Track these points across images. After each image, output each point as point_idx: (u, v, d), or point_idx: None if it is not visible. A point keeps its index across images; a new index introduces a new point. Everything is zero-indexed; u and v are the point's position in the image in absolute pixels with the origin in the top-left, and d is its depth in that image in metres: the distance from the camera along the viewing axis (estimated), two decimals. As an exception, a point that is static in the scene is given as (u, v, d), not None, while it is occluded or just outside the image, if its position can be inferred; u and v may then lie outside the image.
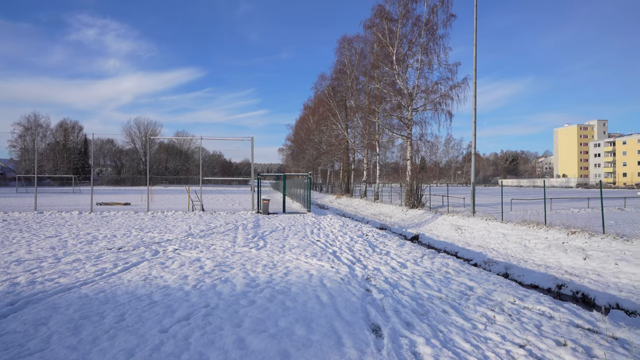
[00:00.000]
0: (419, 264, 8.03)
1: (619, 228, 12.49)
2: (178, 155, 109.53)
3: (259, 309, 4.86)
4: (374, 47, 26.90)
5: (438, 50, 22.74)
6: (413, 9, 23.42)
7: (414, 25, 23.32)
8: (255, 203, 20.46)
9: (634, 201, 29.49)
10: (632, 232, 11.02)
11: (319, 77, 48.41)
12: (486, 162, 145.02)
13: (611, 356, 3.67)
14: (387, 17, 24.30)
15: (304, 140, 55.76)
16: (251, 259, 8.12)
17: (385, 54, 24.80)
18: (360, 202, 29.31)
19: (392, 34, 24.10)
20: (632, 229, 12.30)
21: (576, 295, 7.56)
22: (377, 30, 25.29)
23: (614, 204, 25.63)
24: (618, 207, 23.58)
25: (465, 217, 15.58)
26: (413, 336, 4.14)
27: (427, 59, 22.98)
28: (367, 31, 27.44)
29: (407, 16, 23.61)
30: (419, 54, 22.98)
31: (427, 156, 56.35)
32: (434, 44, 22.77)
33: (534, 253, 10.44)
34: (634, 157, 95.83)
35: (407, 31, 23.75)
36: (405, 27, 23.79)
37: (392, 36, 24.05)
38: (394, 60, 23.68)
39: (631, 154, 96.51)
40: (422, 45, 22.83)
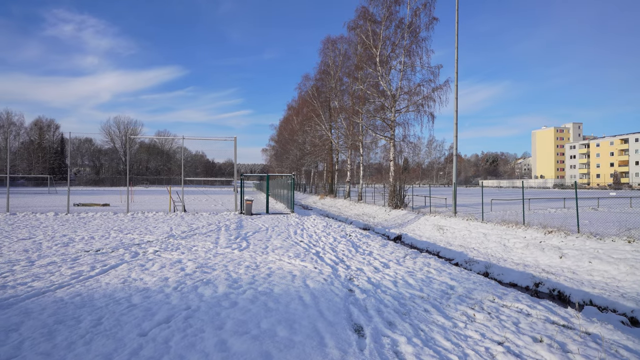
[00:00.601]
0: (402, 264, 8.10)
1: (592, 227, 12.91)
2: (159, 155, 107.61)
3: (241, 311, 4.80)
4: (357, 48, 27.07)
5: (421, 53, 23.08)
6: (396, 11, 23.70)
7: (397, 27, 23.58)
8: (238, 204, 20.28)
9: (607, 201, 30.61)
10: (604, 231, 11.41)
11: (303, 78, 48.53)
12: (467, 164, 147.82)
13: (584, 351, 3.79)
14: (370, 19, 24.49)
15: (288, 141, 55.61)
16: (234, 260, 8.03)
17: (369, 56, 24.98)
18: (343, 202, 29.42)
19: (375, 36, 24.30)
20: (604, 228, 12.74)
21: (553, 293, 7.77)
22: (360, 32, 25.45)
23: (588, 204, 26.52)
24: (592, 207, 24.41)
25: (447, 217, 15.82)
26: (395, 335, 4.16)
27: (410, 61, 23.27)
28: (350, 32, 27.60)
29: (390, 18, 23.86)
30: (402, 56, 23.25)
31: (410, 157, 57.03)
32: (416, 46, 23.09)
33: (513, 252, 10.68)
34: (606, 159, 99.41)
35: (391, 33, 24.01)
36: (389, 29, 24.05)
37: (376, 38, 24.24)
38: (378, 61, 23.88)
39: (604, 156, 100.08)
40: (405, 48, 23.10)
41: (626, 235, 9.83)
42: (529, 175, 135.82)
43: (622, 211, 21.12)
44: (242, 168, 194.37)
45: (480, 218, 14.56)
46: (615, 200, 31.85)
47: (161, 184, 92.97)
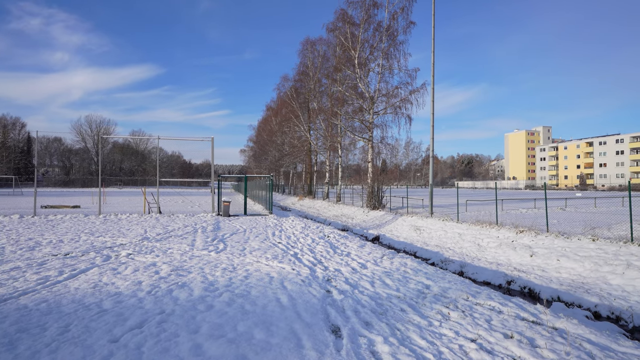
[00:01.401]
0: (379, 264, 8.19)
1: (560, 227, 13.43)
2: (134, 156, 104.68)
3: (217, 314, 4.73)
4: (336, 50, 27.23)
5: (398, 56, 23.44)
6: (375, 14, 24.00)
7: (375, 30, 23.88)
8: (216, 205, 19.97)
9: (573, 202, 31.97)
10: (571, 230, 11.89)
11: (281, 79, 48.34)
12: (444, 165, 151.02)
13: (551, 345, 3.93)
14: (349, 22, 24.69)
15: (267, 142, 55.24)
16: (210, 262, 7.90)
17: (348, 58, 25.16)
18: (322, 203, 29.47)
19: (354, 38, 24.50)
20: (571, 227, 13.28)
21: (524, 290, 8.03)
22: (339, 34, 25.61)
23: (556, 205, 27.61)
24: (560, 207, 25.43)
25: (423, 217, 16.10)
26: (372, 335, 4.20)
27: (388, 64, 23.59)
28: (330, 34, 27.72)
29: (369, 21, 24.12)
30: (380, 59, 23.53)
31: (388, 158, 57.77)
32: (394, 49, 23.43)
33: (486, 251, 10.98)
34: (573, 161, 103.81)
35: (369, 36, 24.28)
36: (367, 31, 24.32)
37: (355, 40, 24.45)
38: (356, 64, 24.08)
39: (571, 158, 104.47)
40: (383, 50, 23.39)
41: (591, 234, 10.28)
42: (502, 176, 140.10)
43: (588, 211, 22.10)
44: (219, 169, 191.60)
45: (456, 218, 14.90)
46: (581, 201, 33.30)
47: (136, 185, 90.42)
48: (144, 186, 25.27)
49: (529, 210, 21.95)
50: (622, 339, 4.30)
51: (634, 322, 6.08)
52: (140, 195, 35.82)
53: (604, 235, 10.52)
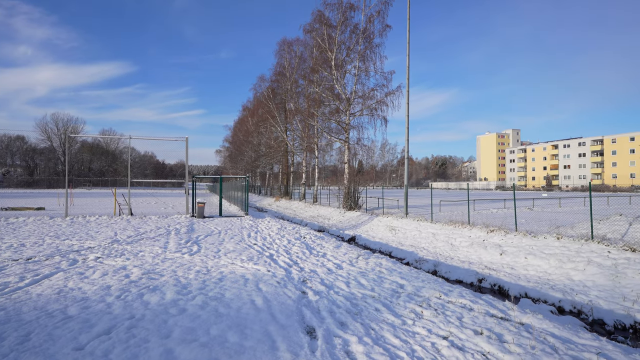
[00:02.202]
0: (354, 265, 8.25)
1: (528, 226, 13.97)
2: (104, 156, 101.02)
3: (189, 318, 4.63)
4: (313, 51, 27.27)
5: (374, 58, 23.71)
6: (351, 16, 24.18)
7: (352, 32, 24.06)
8: (190, 206, 19.57)
9: (540, 202, 33.33)
10: (538, 229, 12.39)
11: (258, 79, 47.97)
12: (418, 166, 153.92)
13: (518, 340, 4.08)
14: (326, 23, 24.78)
15: (243, 142, 54.63)
16: (183, 265, 7.73)
17: (325, 59, 25.25)
18: (299, 204, 29.42)
19: (331, 40, 24.62)
20: (538, 226, 13.83)
21: (494, 288, 8.30)
22: (316, 35, 25.66)
23: (525, 205, 28.71)
24: (528, 207, 26.45)
25: (399, 218, 16.35)
26: (347, 335, 4.22)
27: (364, 66, 23.83)
28: (307, 35, 27.72)
29: (345, 23, 24.29)
30: (357, 61, 23.75)
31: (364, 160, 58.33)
32: (370, 51, 23.69)
33: (459, 250, 11.26)
34: (540, 163, 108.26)
35: (346, 38, 24.44)
36: (344, 33, 24.47)
37: (331, 42, 24.56)
38: (333, 65, 24.20)
39: (538, 160, 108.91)
40: (360, 53, 23.62)
41: (556, 233, 10.74)
42: (474, 177, 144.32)
43: (553, 211, 23.09)
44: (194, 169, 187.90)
45: (430, 219, 15.21)
46: (547, 201, 34.76)
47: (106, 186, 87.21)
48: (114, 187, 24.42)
49: (499, 210, 22.70)
50: (582, 331, 4.51)
51: (593, 316, 6.40)
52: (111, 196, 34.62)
53: (567, 233, 11.02)
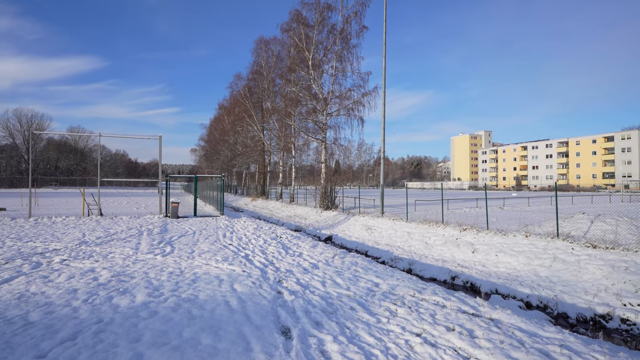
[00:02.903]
0: (330, 264, 8.27)
1: (499, 224, 14.42)
2: (72, 154, 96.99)
3: (161, 320, 4.51)
4: (290, 50, 27.16)
5: (351, 59, 23.86)
6: (329, 17, 24.23)
7: (329, 32, 24.12)
8: (164, 206, 19.10)
9: (510, 201, 34.52)
10: (508, 228, 12.81)
11: (234, 77, 47.29)
12: (394, 166, 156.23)
13: (487, 335, 4.21)
14: (304, 23, 24.73)
15: (219, 141, 53.80)
16: (156, 266, 7.52)
17: (302, 59, 25.20)
18: (275, 204, 29.25)
19: (308, 40, 24.59)
20: (508, 224, 14.31)
21: (466, 285, 8.52)
22: (294, 35, 25.57)
23: (496, 204, 29.65)
24: (499, 206, 27.34)
25: (375, 217, 16.53)
26: (322, 335, 4.23)
27: (342, 66, 23.94)
28: (284, 34, 27.59)
29: (323, 23, 24.32)
30: (334, 61, 23.83)
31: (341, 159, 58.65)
32: (347, 52, 23.82)
33: (433, 249, 11.50)
34: (510, 163, 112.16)
35: (323, 38, 24.48)
36: (321, 33, 24.50)
37: (309, 41, 24.54)
38: (310, 65, 24.19)
39: (508, 161, 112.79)
40: (337, 53, 23.72)
41: (524, 231, 11.15)
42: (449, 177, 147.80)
43: (522, 210, 23.97)
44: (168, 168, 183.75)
45: (405, 218, 15.46)
46: (517, 200, 36.05)
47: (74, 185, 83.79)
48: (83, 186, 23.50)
49: (472, 210, 23.34)
50: (547, 325, 4.70)
51: (558, 310, 6.68)
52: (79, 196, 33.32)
53: (535, 231, 11.45)
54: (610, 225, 11.83)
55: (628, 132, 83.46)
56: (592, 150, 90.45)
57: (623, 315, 6.17)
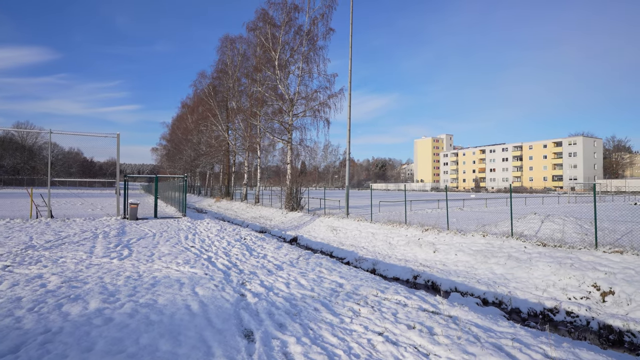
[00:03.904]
0: (295, 265, 8.25)
1: (458, 225, 14.99)
2: (18, 151, 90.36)
3: (116, 327, 4.29)
4: (257, 50, 26.87)
5: (318, 60, 23.96)
6: (295, 17, 24.21)
7: (296, 33, 24.10)
8: (122, 207, 18.24)
9: (469, 202, 36.04)
10: (467, 228, 13.35)
11: (199, 75, 46.02)
12: (360, 168, 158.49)
13: (446, 332, 4.36)
14: (270, 22, 24.55)
15: (182, 140, 52.22)
16: (112, 270, 7.16)
17: (268, 59, 25.00)
18: (240, 205, 28.79)
19: (275, 40, 24.44)
20: (467, 225, 14.91)
21: (427, 284, 8.79)
22: (260, 34, 25.32)
23: (456, 205, 30.83)
24: (459, 207, 28.45)
25: (340, 218, 16.67)
26: (285, 337, 4.20)
27: (308, 68, 23.99)
28: (250, 33, 27.27)
29: (290, 24, 24.26)
30: (301, 62, 23.84)
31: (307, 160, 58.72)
32: (314, 53, 23.91)
33: (397, 249, 11.76)
34: (469, 166, 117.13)
35: (290, 38, 24.42)
36: (288, 34, 24.43)
37: (275, 42, 24.39)
38: (276, 65, 24.05)
39: (468, 164, 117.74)
40: (304, 54, 23.74)
41: (482, 231, 11.66)
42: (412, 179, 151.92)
43: (480, 210, 25.08)
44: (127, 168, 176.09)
45: (370, 219, 15.71)
46: (476, 202, 37.69)
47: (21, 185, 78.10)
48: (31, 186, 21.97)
49: (434, 210, 24.13)
50: (501, 320, 4.94)
51: (511, 305, 7.04)
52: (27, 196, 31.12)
53: (492, 231, 12.02)
54: (558, 224, 12.64)
55: (574, 138, 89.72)
56: (543, 154, 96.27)
57: (568, 308, 6.61)
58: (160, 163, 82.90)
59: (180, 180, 22.05)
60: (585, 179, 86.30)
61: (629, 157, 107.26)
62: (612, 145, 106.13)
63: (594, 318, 6.23)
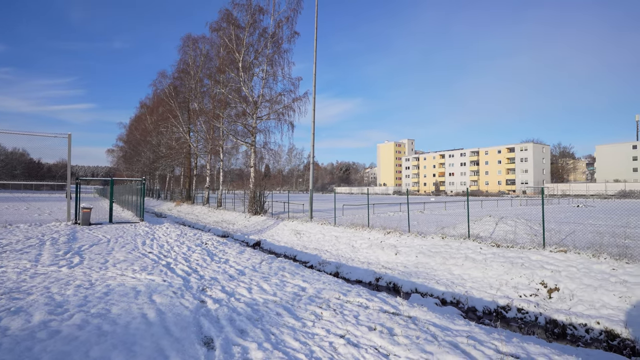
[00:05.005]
0: (258, 270, 8.14)
1: (419, 227, 15.46)
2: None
3: (64, 340, 4.03)
4: (220, 51, 26.35)
5: (283, 63, 23.89)
6: (260, 19, 24.02)
7: (260, 35, 23.91)
8: (73, 212, 17.19)
9: (430, 205, 37.29)
10: (427, 230, 13.78)
11: (159, 75, 44.35)
12: (324, 171, 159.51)
13: (405, 332, 4.47)
14: (234, 23, 24.20)
15: (140, 142, 50.12)
16: (60, 279, 6.72)
17: (232, 60, 24.62)
18: (202, 209, 28.05)
19: (239, 41, 24.11)
20: (427, 227, 15.41)
21: (389, 285, 8.96)
22: (224, 35, 24.88)
23: (417, 208, 31.78)
24: (420, 210, 29.35)
25: (304, 222, 16.66)
26: (246, 343, 4.13)
27: (272, 70, 23.85)
28: (213, 34, 26.73)
29: (254, 26, 24.03)
30: (265, 64, 23.66)
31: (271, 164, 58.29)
32: (279, 56, 23.82)
33: (359, 252, 11.92)
34: (430, 170, 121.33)
35: (254, 40, 24.18)
36: (253, 36, 24.18)
37: (239, 43, 24.07)
38: (240, 67, 23.73)
39: (428, 168, 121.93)
40: (268, 57, 23.59)
41: (441, 233, 12.09)
42: (375, 183, 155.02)
43: (440, 213, 26.01)
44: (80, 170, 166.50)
45: (334, 222, 15.82)
46: (436, 205, 39.06)
47: (-43, 188, 71.55)
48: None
49: (396, 213, 24.72)
50: (458, 319, 5.14)
51: (468, 304, 7.34)
52: (-36, 201, 28.57)
53: (450, 233, 12.48)
54: (510, 226, 13.36)
55: (525, 144, 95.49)
56: (497, 159, 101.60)
57: (519, 305, 6.99)
58: (116, 165, 79.06)
59: (138, 183, 21.14)
60: (535, 182, 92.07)
61: (573, 163, 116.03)
62: (558, 152, 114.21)
63: (541, 314, 6.63)
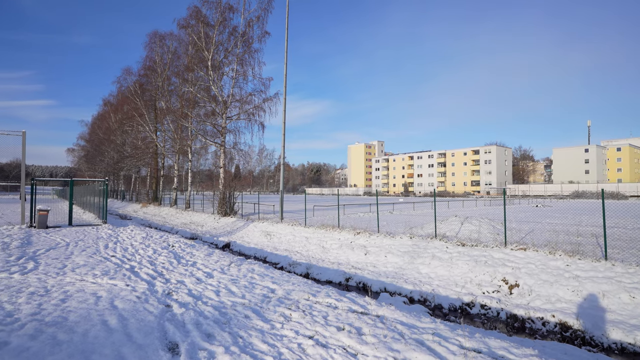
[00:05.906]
0: (226, 272, 7.99)
1: (388, 227, 15.71)
2: None
3: (12, 352, 3.77)
4: (188, 48, 25.71)
5: (253, 63, 23.63)
6: (230, 18, 23.65)
7: (230, 34, 23.55)
8: (29, 214, 16.20)
9: (399, 206, 38.06)
10: (396, 230, 14.04)
11: (123, 71, 42.66)
12: (295, 172, 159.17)
13: (373, 331, 4.52)
14: (203, 21, 23.69)
15: (103, 141, 48.04)
16: (11, 287, 6.30)
17: (201, 58, 24.09)
18: (169, 211, 27.25)
19: (208, 39, 23.63)
20: (396, 227, 15.69)
21: (359, 285, 9.05)
22: (192, 32, 24.30)
23: (386, 209, 32.33)
24: (389, 211, 29.89)
25: (274, 223, 16.54)
26: (213, 347, 4.03)
27: (243, 70, 23.54)
28: (181, 31, 26.05)
29: (224, 24, 23.63)
30: (235, 64, 23.33)
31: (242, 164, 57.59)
32: (249, 56, 23.55)
33: (330, 253, 11.97)
34: (399, 171, 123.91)
35: (224, 39, 23.78)
36: (222, 34, 23.78)
37: (209, 41, 23.59)
38: (210, 65, 23.26)
39: (398, 169, 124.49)
40: (238, 56, 23.27)
41: (409, 233, 12.36)
42: (346, 184, 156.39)
43: (408, 214, 26.59)
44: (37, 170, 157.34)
45: (304, 223, 15.80)
46: (404, 205, 39.90)
47: None
48: None
49: (366, 214, 25.04)
50: (424, 317, 5.26)
51: (435, 302, 7.54)
52: None
53: (418, 233, 12.78)
54: (475, 226, 13.86)
55: (489, 147, 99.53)
56: (463, 161, 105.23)
57: (482, 302, 7.25)
58: (77, 165, 75.30)
59: (100, 184, 20.22)
60: (499, 184, 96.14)
61: (532, 165, 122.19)
62: (519, 154, 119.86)
63: (502, 309, 6.91)
